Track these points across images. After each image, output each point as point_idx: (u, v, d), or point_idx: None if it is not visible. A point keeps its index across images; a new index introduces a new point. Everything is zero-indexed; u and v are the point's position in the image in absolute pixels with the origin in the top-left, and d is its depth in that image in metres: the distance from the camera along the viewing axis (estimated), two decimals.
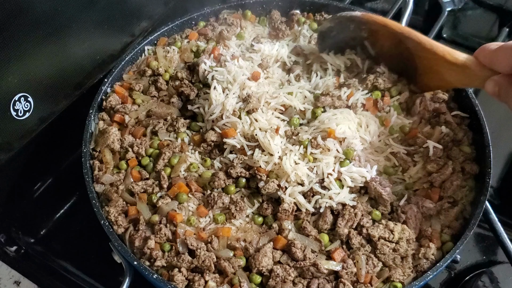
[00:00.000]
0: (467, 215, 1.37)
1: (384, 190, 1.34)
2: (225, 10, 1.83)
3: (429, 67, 1.40)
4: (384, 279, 1.27)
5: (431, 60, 1.37)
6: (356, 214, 1.32)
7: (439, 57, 1.33)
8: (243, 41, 1.72)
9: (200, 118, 1.53)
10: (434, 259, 1.29)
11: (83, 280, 1.60)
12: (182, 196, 1.36)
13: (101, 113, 1.58)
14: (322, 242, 1.31)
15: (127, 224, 1.35)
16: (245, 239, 1.33)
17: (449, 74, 1.35)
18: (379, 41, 1.53)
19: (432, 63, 1.37)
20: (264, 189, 1.35)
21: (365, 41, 1.56)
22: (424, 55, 1.39)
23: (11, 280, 1.58)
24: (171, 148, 1.44)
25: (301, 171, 1.35)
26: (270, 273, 1.25)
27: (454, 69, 1.31)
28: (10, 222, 1.70)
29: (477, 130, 1.49)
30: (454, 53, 1.31)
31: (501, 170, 1.82)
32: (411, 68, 1.47)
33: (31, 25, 1.39)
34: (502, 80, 1.17)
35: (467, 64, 1.27)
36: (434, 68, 1.38)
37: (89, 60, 1.68)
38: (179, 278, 1.24)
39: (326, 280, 1.26)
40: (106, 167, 1.45)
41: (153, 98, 1.61)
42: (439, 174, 1.40)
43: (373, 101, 1.51)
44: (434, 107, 1.54)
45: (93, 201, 1.36)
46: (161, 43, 1.75)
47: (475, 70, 1.25)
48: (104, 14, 1.65)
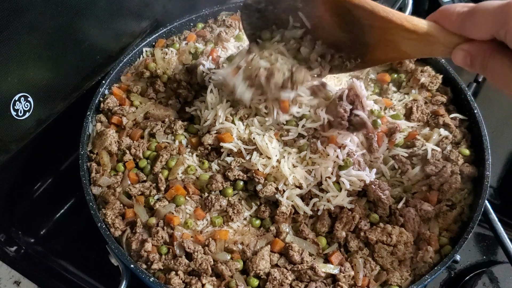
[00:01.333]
0: (466, 218, 1.36)
1: (383, 194, 1.34)
2: (223, 12, 1.83)
3: (383, 38, 1.21)
4: (381, 282, 1.27)
5: (386, 30, 1.18)
6: (354, 217, 1.32)
7: (396, 25, 1.14)
8: (242, 43, 1.71)
9: (198, 121, 1.52)
10: (432, 263, 1.29)
11: (83, 280, 1.61)
12: (179, 198, 1.36)
13: (99, 115, 1.58)
14: (319, 245, 1.31)
15: (124, 227, 1.35)
16: (242, 242, 1.33)
17: (406, 44, 1.17)
18: (317, 12, 1.31)
19: (387, 32, 1.19)
20: (262, 192, 1.35)
21: (299, 11, 1.35)
22: (377, 25, 1.19)
23: (11, 280, 1.59)
24: (168, 151, 1.44)
25: (299, 174, 1.35)
26: (268, 276, 1.25)
27: (413, 38, 1.13)
28: (10, 222, 1.71)
29: (476, 133, 1.49)
30: (413, 20, 1.12)
31: (501, 170, 1.81)
32: (358, 41, 1.28)
33: (31, 25, 1.38)
34: (475, 49, 1.02)
35: (430, 32, 1.09)
36: (389, 38, 1.19)
37: (87, 61, 1.68)
38: (176, 281, 1.24)
39: (324, 284, 1.26)
40: (104, 169, 1.45)
41: (151, 100, 1.61)
42: (438, 176, 1.39)
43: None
44: (432, 110, 1.54)
45: (90, 203, 1.36)
46: (159, 45, 1.74)
47: (439, 37, 1.08)
48: (103, 15, 1.65)
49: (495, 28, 0.95)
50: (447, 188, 1.38)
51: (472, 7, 1.00)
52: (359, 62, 1.33)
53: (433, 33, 1.09)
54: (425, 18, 1.13)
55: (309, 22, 1.35)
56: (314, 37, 1.37)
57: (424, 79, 1.59)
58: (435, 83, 1.60)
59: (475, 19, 0.99)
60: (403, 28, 1.14)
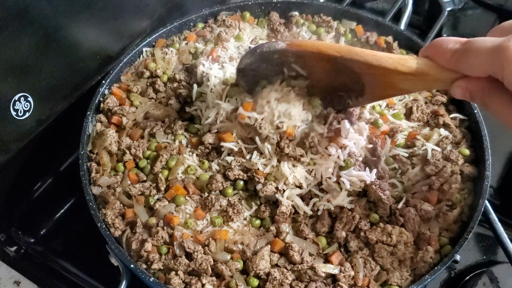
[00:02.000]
0: (466, 218, 1.36)
1: (384, 194, 1.34)
2: (223, 11, 1.82)
3: (380, 81, 1.23)
4: (381, 282, 1.27)
5: (382, 75, 1.20)
6: (354, 217, 1.32)
7: (391, 70, 1.16)
8: (242, 43, 1.71)
9: (198, 120, 1.52)
10: (432, 263, 1.29)
11: (83, 280, 1.61)
12: (179, 198, 1.36)
13: (99, 115, 1.57)
14: (319, 245, 1.31)
15: (124, 227, 1.35)
16: (242, 242, 1.33)
17: (404, 83, 1.19)
18: (310, 63, 1.32)
19: (383, 76, 1.20)
20: (262, 192, 1.35)
21: (293, 64, 1.35)
22: (372, 72, 1.21)
23: (11, 280, 1.58)
24: (168, 150, 1.44)
25: (299, 174, 1.35)
26: (268, 276, 1.25)
27: (410, 78, 1.15)
28: (10, 222, 1.71)
29: (476, 133, 1.49)
30: (406, 62, 1.13)
31: (501, 170, 1.81)
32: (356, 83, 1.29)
33: (31, 25, 1.38)
34: (473, 86, 1.04)
35: (425, 71, 1.11)
36: (386, 80, 1.21)
37: (87, 61, 1.68)
38: (176, 281, 1.24)
39: (324, 284, 1.26)
40: (103, 169, 1.45)
41: (151, 100, 1.61)
42: (438, 176, 1.39)
43: None
44: (432, 110, 1.54)
45: (90, 203, 1.36)
46: (159, 45, 1.74)
47: (435, 75, 1.10)
48: (103, 15, 1.65)
49: (491, 70, 0.96)
50: (447, 188, 1.38)
51: (464, 45, 1.01)
52: (360, 100, 1.34)
53: (429, 72, 1.10)
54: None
55: (304, 71, 1.36)
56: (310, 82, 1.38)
57: None
58: None
59: (470, 61, 0.99)
60: (397, 72, 1.15)
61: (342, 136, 1.34)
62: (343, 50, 1.22)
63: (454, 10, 2.20)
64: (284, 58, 1.33)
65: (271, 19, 1.79)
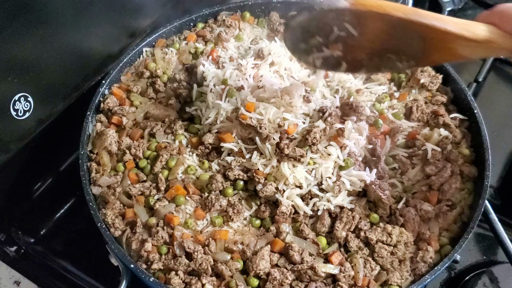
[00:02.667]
0: (466, 218, 1.36)
1: (384, 194, 1.34)
2: (223, 11, 1.82)
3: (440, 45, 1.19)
4: (382, 282, 1.27)
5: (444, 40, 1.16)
6: (354, 217, 1.32)
7: (456, 35, 1.12)
8: (242, 43, 1.71)
9: (198, 120, 1.52)
10: (432, 263, 1.29)
11: (83, 280, 1.60)
12: (179, 198, 1.36)
13: (99, 115, 1.57)
14: (319, 245, 1.31)
15: (124, 227, 1.35)
16: (242, 242, 1.33)
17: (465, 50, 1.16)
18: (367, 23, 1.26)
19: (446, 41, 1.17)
20: (262, 192, 1.35)
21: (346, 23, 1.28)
22: (435, 36, 1.17)
23: (11, 280, 1.58)
24: (168, 151, 1.44)
25: (299, 174, 1.35)
26: (268, 276, 1.25)
27: (473, 45, 1.12)
28: (10, 222, 1.71)
29: (476, 133, 1.49)
30: (472, 28, 1.11)
31: (501, 170, 1.81)
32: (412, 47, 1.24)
33: (31, 25, 1.39)
34: None
35: (491, 38, 1.09)
36: (448, 45, 1.18)
37: (87, 61, 1.68)
38: (176, 281, 1.23)
39: (324, 284, 1.26)
40: (103, 169, 1.45)
41: (151, 100, 1.61)
42: (438, 176, 1.39)
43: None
44: (432, 110, 1.54)
45: (90, 203, 1.36)
46: (159, 45, 1.74)
47: (501, 43, 1.07)
48: (103, 15, 1.65)
49: None
50: (447, 188, 1.38)
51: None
52: (412, 63, 1.29)
53: (495, 39, 1.08)
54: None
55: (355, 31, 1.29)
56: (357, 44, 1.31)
57: (424, 79, 1.59)
58: (435, 83, 1.60)
59: None
60: (462, 38, 1.12)
61: (343, 137, 1.34)
62: (408, 12, 1.17)
63: (454, 10, 2.20)
64: (339, 17, 1.27)
65: (271, 19, 1.79)
